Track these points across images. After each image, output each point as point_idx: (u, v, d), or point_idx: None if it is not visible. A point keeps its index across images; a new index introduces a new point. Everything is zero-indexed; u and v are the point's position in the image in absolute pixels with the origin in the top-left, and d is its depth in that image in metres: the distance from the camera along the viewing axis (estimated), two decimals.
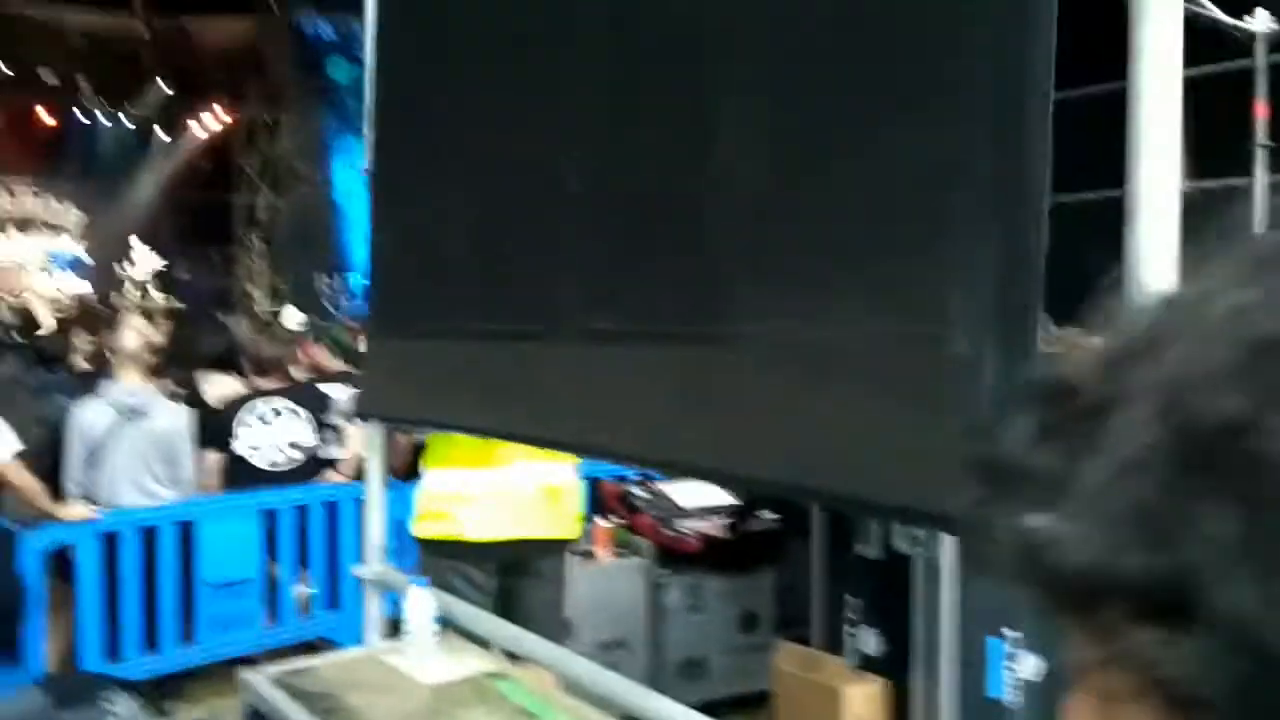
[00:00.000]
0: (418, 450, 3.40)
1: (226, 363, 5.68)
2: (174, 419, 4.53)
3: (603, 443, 1.91)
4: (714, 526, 4.09)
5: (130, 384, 4.42)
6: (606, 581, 3.98)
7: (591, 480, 3.84)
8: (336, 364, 5.60)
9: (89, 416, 4.36)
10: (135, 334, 4.61)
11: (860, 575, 3.44)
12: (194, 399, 5.14)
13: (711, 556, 4.06)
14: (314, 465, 4.96)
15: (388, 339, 2.49)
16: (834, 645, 3.53)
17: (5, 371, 4.67)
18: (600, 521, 4.12)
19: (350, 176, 18.81)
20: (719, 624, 4.10)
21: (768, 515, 4.14)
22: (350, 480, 4.98)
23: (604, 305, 1.73)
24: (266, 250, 19.47)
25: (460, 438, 2.82)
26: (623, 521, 4.23)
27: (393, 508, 2.88)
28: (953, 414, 1.27)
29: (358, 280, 18.90)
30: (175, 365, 5.41)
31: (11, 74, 17.35)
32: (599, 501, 4.19)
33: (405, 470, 3.67)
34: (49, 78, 17.76)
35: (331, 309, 17.42)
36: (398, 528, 3.11)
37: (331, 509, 4.87)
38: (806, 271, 1.48)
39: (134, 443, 4.37)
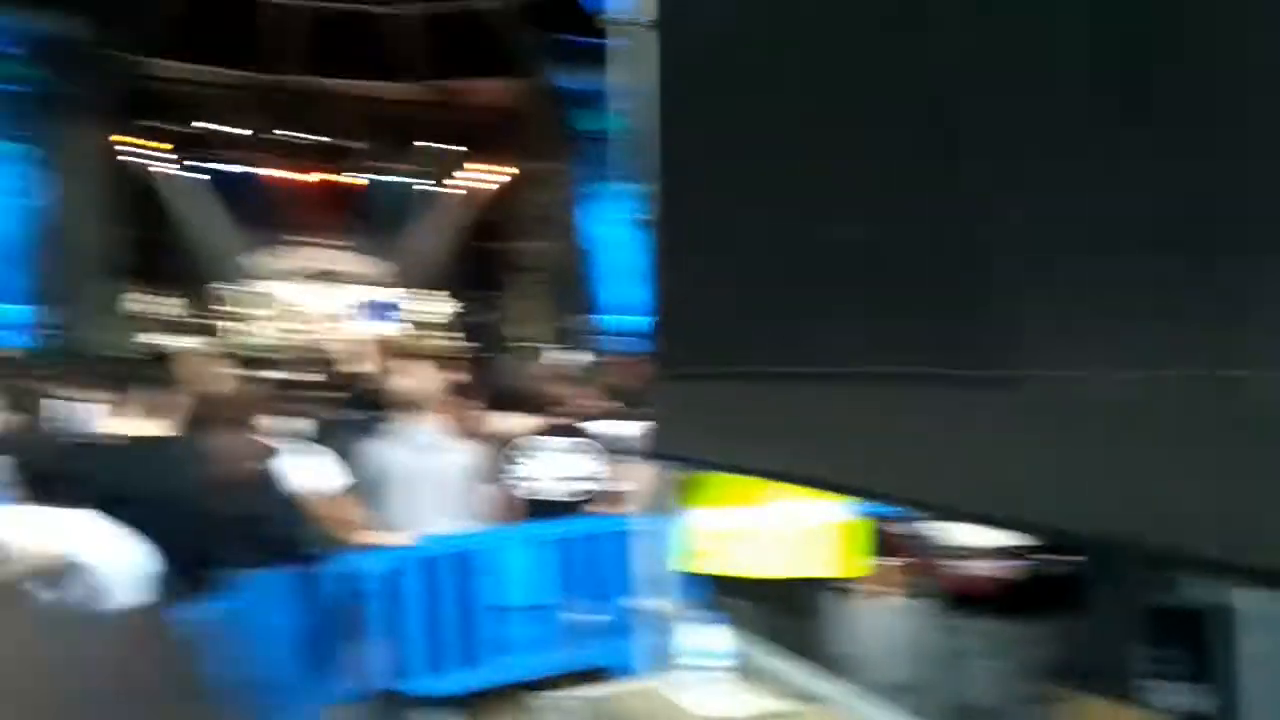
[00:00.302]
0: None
1: (506, 401, 6.02)
2: (463, 456, 4.85)
3: (886, 486, 1.89)
4: (1003, 568, 3.91)
5: (424, 423, 4.78)
6: (891, 622, 3.88)
7: (873, 519, 3.77)
8: (604, 402, 5.80)
9: (388, 453, 4.74)
10: (429, 375, 4.99)
11: (1163, 625, 3.18)
12: (476, 435, 5.48)
13: (1001, 599, 3.87)
14: (586, 498, 5.17)
15: (673, 380, 2.57)
16: (1135, 698, 3.28)
17: (326, 413, 5.16)
18: (884, 561, 4.03)
19: (604, 223, 19.62)
20: (1009, 670, 3.88)
21: (1062, 558, 3.91)
22: (621, 513, 5.16)
23: (890, 348, 1.72)
24: (532, 294, 20.57)
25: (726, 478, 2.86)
26: (908, 561, 4.12)
27: (664, 541, 2.94)
28: (1263, 462, 1.19)
29: (614, 321, 19.63)
30: (461, 404, 5.81)
31: (314, 142, 19.37)
32: (882, 541, 4.10)
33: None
34: (346, 143, 19.68)
35: (591, 347, 18.16)
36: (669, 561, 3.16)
37: (603, 540, 5.03)
38: (1101, 314, 1.41)
39: (427, 478, 4.69)
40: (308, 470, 4.25)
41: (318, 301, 20.47)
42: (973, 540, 4.01)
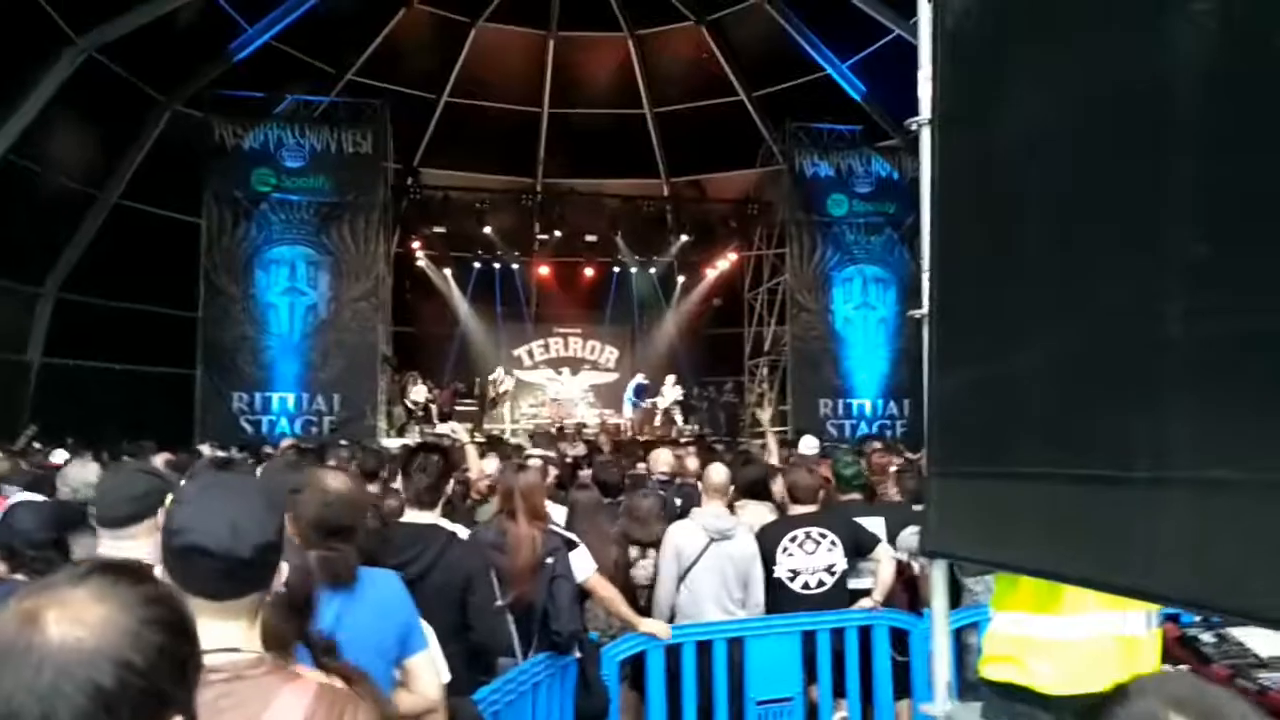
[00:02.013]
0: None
1: (755, 490, 6.06)
2: (751, 545, 4.91)
3: (1193, 591, 1.81)
4: None
5: (716, 509, 4.90)
6: None
7: (1175, 628, 3.54)
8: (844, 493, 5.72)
9: (684, 538, 4.84)
10: (721, 467, 5.12)
11: None
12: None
13: None
14: (844, 591, 5.11)
15: (950, 478, 2.55)
16: None
17: (589, 496, 5.35)
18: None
19: (847, 305, 19.57)
20: None
21: None
22: (881, 608, 5.07)
23: (1218, 452, 1.66)
24: (772, 378, 20.65)
25: (1025, 581, 2.78)
26: (1190, 670, 3.82)
27: (940, 641, 2.88)
28: None
29: (856, 406, 19.42)
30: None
31: (561, 237, 20.47)
32: (1185, 652, 3.83)
33: None
34: (590, 238, 20.68)
35: (831, 434, 17.98)
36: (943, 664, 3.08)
37: (865, 634, 4.97)
38: None
39: (717, 564, 4.77)
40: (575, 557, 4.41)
41: (567, 388, 21.40)
42: (1267, 648, 3.69)
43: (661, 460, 7.09)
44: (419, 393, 18.68)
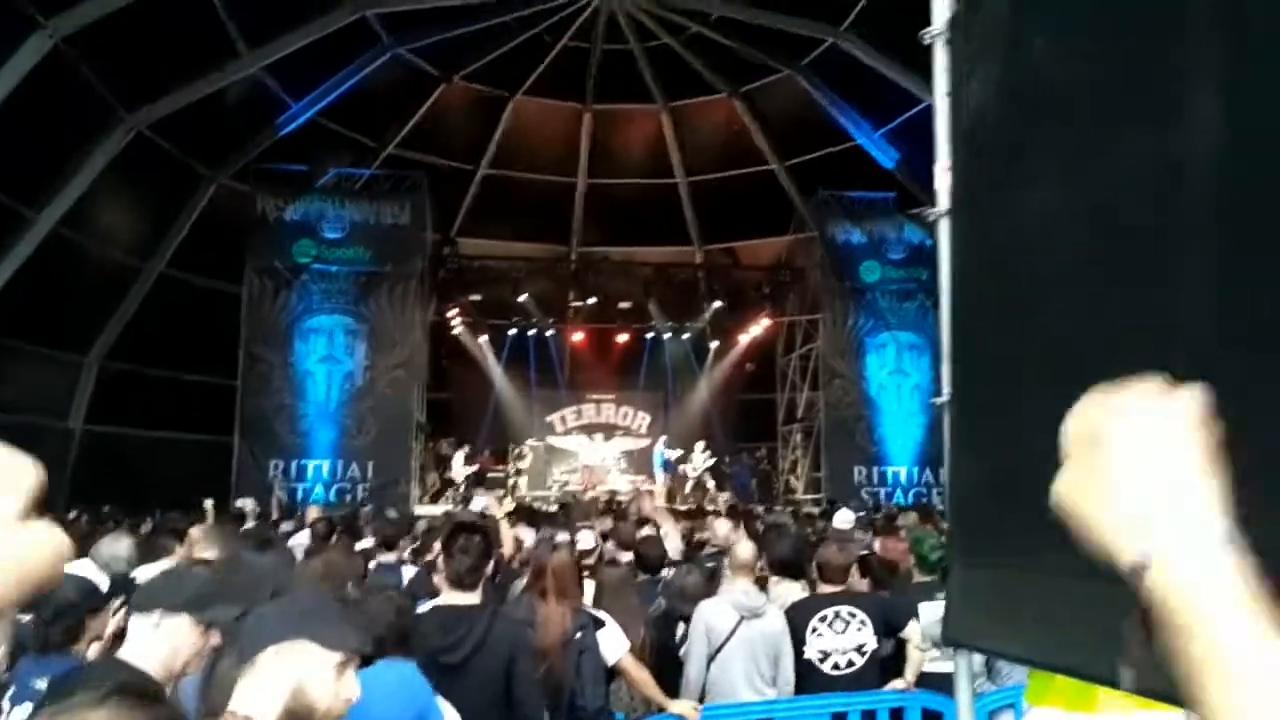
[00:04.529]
0: None
1: (789, 567, 6.00)
2: (780, 621, 4.87)
3: None
4: None
5: (744, 586, 4.88)
6: None
7: None
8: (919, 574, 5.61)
9: (714, 616, 4.79)
10: (748, 544, 5.11)
11: None
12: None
13: None
14: (875, 671, 5.05)
15: (970, 568, 2.55)
16: None
17: (617, 574, 5.33)
18: None
19: (881, 371, 19.53)
20: None
21: None
22: (912, 689, 5.00)
23: None
24: (805, 444, 20.57)
25: (1058, 678, 2.75)
26: None
27: None
28: None
29: (891, 473, 19.26)
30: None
31: (595, 304, 20.67)
32: None
33: None
34: (624, 305, 20.87)
35: (866, 503, 17.79)
36: None
37: (897, 716, 4.90)
38: None
39: (748, 642, 4.72)
40: (606, 636, 4.40)
41: (600, 454, 21.42)
42: None
43: (720, 533, 7.13)
44: (455, 460, 18.77)
